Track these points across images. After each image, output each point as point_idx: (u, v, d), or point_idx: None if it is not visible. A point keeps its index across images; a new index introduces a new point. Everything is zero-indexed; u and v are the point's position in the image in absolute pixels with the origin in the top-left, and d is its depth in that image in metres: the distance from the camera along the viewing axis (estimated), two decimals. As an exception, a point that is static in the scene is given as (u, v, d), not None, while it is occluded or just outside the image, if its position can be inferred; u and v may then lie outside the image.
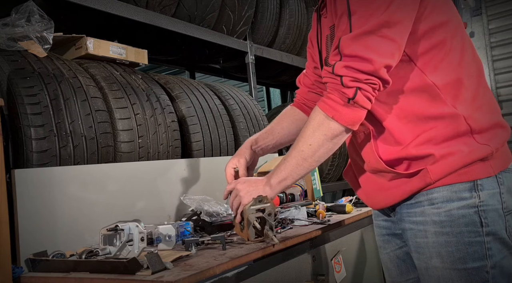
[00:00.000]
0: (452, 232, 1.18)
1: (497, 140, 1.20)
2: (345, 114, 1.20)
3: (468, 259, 1.17)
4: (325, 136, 1.24)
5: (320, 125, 1.24)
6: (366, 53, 1.14)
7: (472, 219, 1.16)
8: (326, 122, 1.22)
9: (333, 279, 1.85)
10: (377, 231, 1.48)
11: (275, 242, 1.45)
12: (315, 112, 1.25)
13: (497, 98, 5.51)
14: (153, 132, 2.03)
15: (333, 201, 2.99)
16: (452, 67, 1.21)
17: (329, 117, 1.21)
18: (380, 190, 1.31)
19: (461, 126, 1.18)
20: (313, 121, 1.25)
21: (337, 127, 1.22)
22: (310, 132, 1.26)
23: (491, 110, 1.24)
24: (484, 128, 1.20)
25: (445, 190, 1.19)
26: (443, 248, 1.19)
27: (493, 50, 5.67)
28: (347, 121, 1.21)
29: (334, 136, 1.24)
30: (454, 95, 1.20)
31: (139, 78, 2.19)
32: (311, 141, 1.26)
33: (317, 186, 2.43)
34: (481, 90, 1.24)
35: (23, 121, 1.60)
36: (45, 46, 1.86)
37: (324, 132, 1.24)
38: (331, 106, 1.21)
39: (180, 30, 2.55)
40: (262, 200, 1.43)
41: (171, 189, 2.07)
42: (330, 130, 1.23)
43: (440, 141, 1.19)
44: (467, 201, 1.17)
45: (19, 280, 1.41)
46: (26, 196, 1.54)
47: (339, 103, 1.19)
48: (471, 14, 5.72)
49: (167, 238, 1.53)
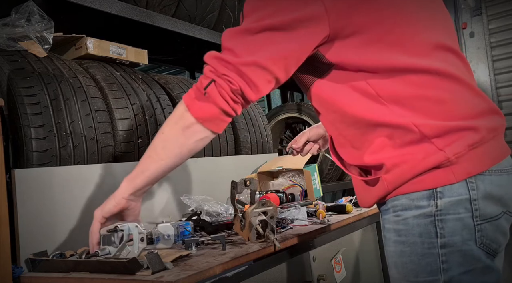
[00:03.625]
0: (407, 241, 1.12)
1: (459, 143, 1.08)
2: (196, 106, 1.16)
3: (420, 272, 1.10)
4: (176, 124, 1.20)
5: (175, 114, 1.21)
6: (238, 47, 1.10)
7: (427, 229, 1.09)
8: (182, 111, 1.19)
9: (333, 279, 1.85)
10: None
11: (278, 246, 1.45)
12: (180, 102, 1.22)
13: (497, 98, 5.50)
14: (153, 132, 2.03)
15: (333, 201, 2.99)
16: (394, 72, 1.11)
17: (186, 107, 1.18)
18: (360, 188, 1.28)
19: (412, 134, 1.10)
20: (174, 110, 1.23)
21: (189, 117, 1.17)
22: (166, 121, 1.23)
23: (459, 112, 1.11)
24: (443, 131, 1.09)
25: (404, 198, 1.12)
26: (398, 258, 1.14)
27: (493, 50, 5.66)
28: (197, 114, 1.16)
29: (185, 127, 1.18)
30: (400, 102, 1.11)
31: (139, 78, 2.19)
32: (164, 129, 1.22)
33: (317, 186, 2.43)
34: (444, 89, 1.12)
35: (23, 121, 1.60)
36: (45, 46, 1.86)
37: (175, 120, 1.20)
38: (189, 95, 1.18)
39: (180, 30, 2.55)
40: (265, 203, 1.43)
41: (171, 189, 2.07)
42: (182, 119, 1.19)
43: (394, 148, 1.12)
44: (423, 210, 1.10)
45: (19, 280, 1.41)
46: (26, 196, 1.54)
47: (195, 93, 1.16)
48: (471, 14, 5.71)
49: (165, 237, 1.53)
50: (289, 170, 2.50)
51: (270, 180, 2.59)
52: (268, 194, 2.19)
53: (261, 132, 2.80)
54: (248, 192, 2.14)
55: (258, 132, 2.75)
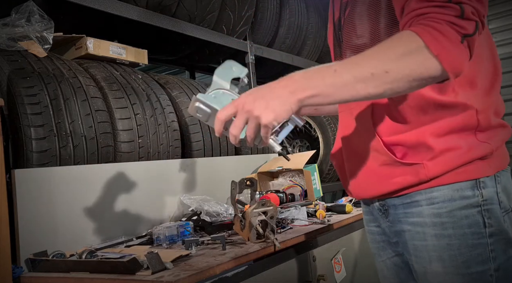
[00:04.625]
0: (454, 234, 1.10)
1: (498, 138, 1.13)
2: (454, 56, 0.91)
3: (472, 263, 1.10)
4: (412, 71, 0.91)
5: (414, 54, 0.91)
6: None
7: (476, 219, 1.09)
8: (424, 55, 0.91)
9: (333, 279, 1.85)
10: (371, 237, 1.36)
11: (278, 246, 1.45)
12: (412, 37, 0.92)
13: (497, 98, 5.51)
14: (153, 132, 2.03)
15: (333, 201, 2.99)
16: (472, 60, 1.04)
17: (432, 53, 0.90)
18: (369, 175, 1.21)
19: (471, 119, 1.09)
20: (404, 45, 0.92)
21: (436, 68, 0.91)
22: (396, 56, 0.92)
23: (498, 110, 1.17)
24: (489, 126, 1.12)
25: (446, 188, 1.11)
26: (445, 251, 1.12)
27: (493, 50, 5.66)
28: (453, 66, 0.91)
29: (421, 78, 0.92)
30: (466, 88, 1.10)
31: (139, 78, 2.19)
32: (390, 67, 0.91)
33: (317, 186, 2.43)
34: (495, 89, 1.16)
35: (23, 121, 1.61)
36: (45, 46, 1.86)
37: (413, 66, 0.91)
38: (439, 41, 0.90)
39: (180, 30, 2.55)
40: (265, 203, 1.43)
41: (171, 189, 2.07)
42: (424, 67, 0.91)
43: (443, 134, 1.10)
44: (469, 200, 1.09)
45: (19, 280, 1.41)
46: (26, 196, 1.54)
47: (452, 40, 0.90)
48: (471, 14, 5.71)
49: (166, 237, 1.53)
50: (289, 170, 2.50)
51: (270, 180, 2.59)
52: (268, 194, 2.19)
53: (261, 132, 2.79)
54: (248, 192, 2.14)
55: (258, 132, 2.75)
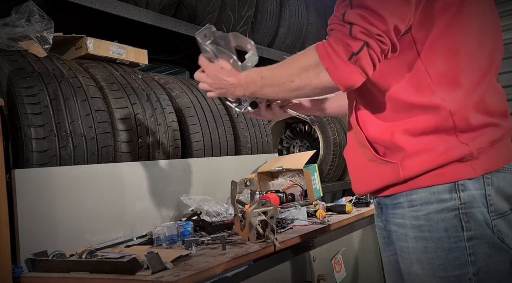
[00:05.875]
0: (431, 237, 1.10)
1: (482, 139, 1.09)
2: (341, 72, 1.05)
3: (449, 266, 1.09)
4: (309, 82, 1.10)
5: (310, 69, 1.09)
6: (378, 7, 1.01)
7: (452, 223, 1.08)
8: (318, 69, 1.07)
9: (333, 279, 1.85)
10: (378, 232, 1.41)
11: (278, 246, 1.45)
12: (312, 52, 1.09)
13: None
14: (153, 132, 2.03)
15: (333, 201, 2.99)
16: (453, 57, 1.10)
17: (323, 67, 1.06)
18: (361, 171, 1.24)
19: (445, 121, 1.08)
20: (305, 59, 1.11)
21: (327, 81, 1.07)
22: (297, 71, 1.12)
23: (489, 109, 1.12)
24: (470, 127, 1.09)
25: (424, 191, 1.10)
26: (422, 254, 1.12)
27: (493, 50, 5.66)
28: (340, 80, 1.06)
29: (317, 88, 1.11)
30: (446, 87, 1.10)
31: (139, 78, 2.19)
32: (294, 79, 1.12)
33: (317, 186, 2.43)
34: (483, 87, 1.13)
35: (23, 121, 1.61)
36: (45, 46, 1.86)
37: (310, 78, 1.09)
38: (330, 57, 1.05)
39: (180, 30, 2.55)
40: (265, 203, 1.43)
41: (171, 189, 2.07)
42: (318, 79, 1.08)
43: (417, 134, 1.10)
44: (446, 203, 1.08)
45: (19, 280, 1.41)
46: (26, 196, 1.54)
47: (340, 57, 1.04)
48: (471, 14, 5.71)
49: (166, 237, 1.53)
50: (289, 170, 2.50)
51: (270, 180, 2.59)
52: (268, 194, 2.19)
53: (261, 132, 2.80)
54: (248, 192, 2.14)
55: (258, 132, 2.75)
